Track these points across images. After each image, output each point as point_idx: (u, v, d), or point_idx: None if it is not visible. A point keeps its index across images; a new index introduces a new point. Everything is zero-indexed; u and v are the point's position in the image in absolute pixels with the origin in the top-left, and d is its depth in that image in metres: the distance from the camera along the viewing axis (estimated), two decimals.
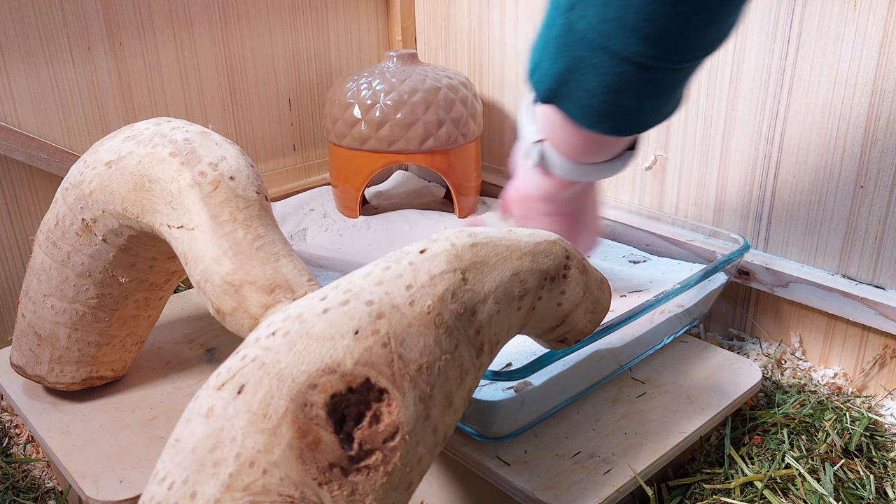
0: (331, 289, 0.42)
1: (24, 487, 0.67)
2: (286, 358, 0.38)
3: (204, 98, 0.95)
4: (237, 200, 0.52)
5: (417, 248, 0.44)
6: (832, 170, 0.73)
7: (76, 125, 0.85)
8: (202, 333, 0.76)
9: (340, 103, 0.92)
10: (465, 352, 0.42)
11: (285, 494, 0.35)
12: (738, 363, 0.70)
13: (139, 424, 0.63)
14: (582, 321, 0.50)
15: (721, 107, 0.79)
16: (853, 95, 0.69)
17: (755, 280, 0.79)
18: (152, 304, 0.65)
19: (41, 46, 0.80)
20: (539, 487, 0.55)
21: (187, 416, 0.38)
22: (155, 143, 0.55)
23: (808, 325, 0.79)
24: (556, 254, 0.47)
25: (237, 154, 0.55)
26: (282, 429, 0.36)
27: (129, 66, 0.87)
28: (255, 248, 0.51)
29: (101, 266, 0.60)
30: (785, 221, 0.78)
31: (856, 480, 0.60)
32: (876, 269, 0.72)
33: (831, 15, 0.69)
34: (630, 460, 0.58)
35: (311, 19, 1.02)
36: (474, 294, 0.43)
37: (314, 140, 1.08)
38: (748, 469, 0.61)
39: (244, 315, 0.49)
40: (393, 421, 0.38)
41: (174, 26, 0.89)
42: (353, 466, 0.37)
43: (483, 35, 1.01)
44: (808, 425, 0.66)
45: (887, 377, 0.74)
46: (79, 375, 0.64)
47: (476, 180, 0.98)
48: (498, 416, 0.57)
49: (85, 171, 0.58)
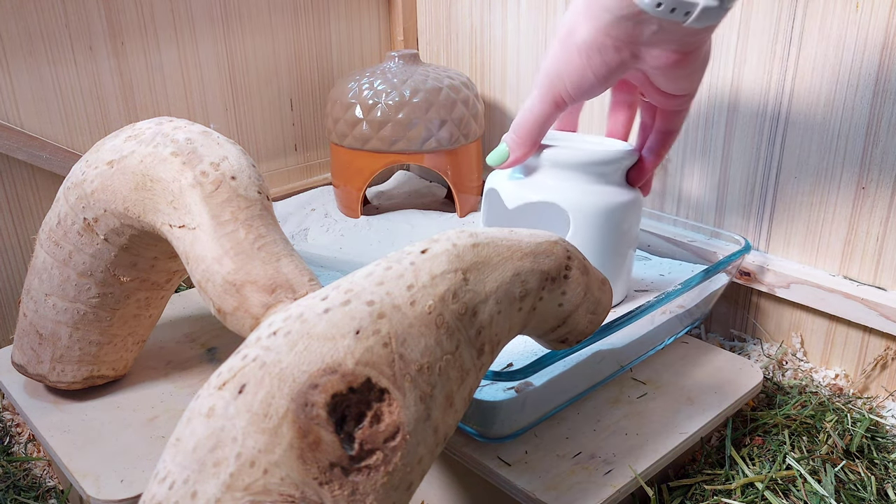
0: (332, 289, 0.42)
1: (25, 486, 0.67)
2: (287, 358, 0.38)
3: (205, 98, 0.95)
4: (239, 200, 0.53)
5: (419, 248, 0.44)
6: (834, 171, 0.72)
7: (78, 124, 0.85)
8: (203, 333, 0.77)
9: (342, 103, 0.92)
10: (466, 352, 0.42)
11: (286, 494, 0.35)
12: (738, 364, 0.70)
13: (140, 424, 0.63)
14: (583, 322, 0.50)
15: (722, 107, 0.79)
16: (855, 96, 0.69)
17: (756, 281, 0.79)
18: (153, 303, 0.65)
19: (43, 46, 0.80)
20: (540, 488, 0.55)
21: (188, 416, 0.39)
22: (157, 143, 0.55)
23: (809, 326, 0.79)
24: (557, 254, 0.47)
25: (239, 154, 0.55)
26: (283, 428, 0.36)
27: (130, 65, 0.87)
28: (257, 248, 0.51)
29: (103, 265, 0.60)
30: (786, 222, 0.77)
31: (857, 482, 0.60)
32: (877, 270, 0.72)
33: (833, 15, 0.69)
34: (631, 461, 0.58)
35: (312, 19, 1.02)
36: (475, 294, 0.43)
37: (315, 140, 1.08)
38: (749, 470, 0.61)
39: (245, 315, 0.50)
40: (394, 421, 0.38)
41: (176, 26, 0.89)
42: (354, 466, 0.37)
43: (485, 35, 1.01)
44: (810, 426, 0.66)
45: (888, 378, 0.74)
46: (80, 374, 0.64)
47: (477, 180, 0.98)
48: (499, 417, 0.57)
49: (87, 171, 0.58)
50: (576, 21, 0.56)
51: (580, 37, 0.56)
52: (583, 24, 0.56)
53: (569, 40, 0.57)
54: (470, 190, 0.97)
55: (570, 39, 0.57)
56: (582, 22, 0.56)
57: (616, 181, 0.67)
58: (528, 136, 0.63)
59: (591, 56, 0.56)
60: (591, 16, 0.55)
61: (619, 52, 0.55)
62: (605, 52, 0.56)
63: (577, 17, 0.56)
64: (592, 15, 0.55)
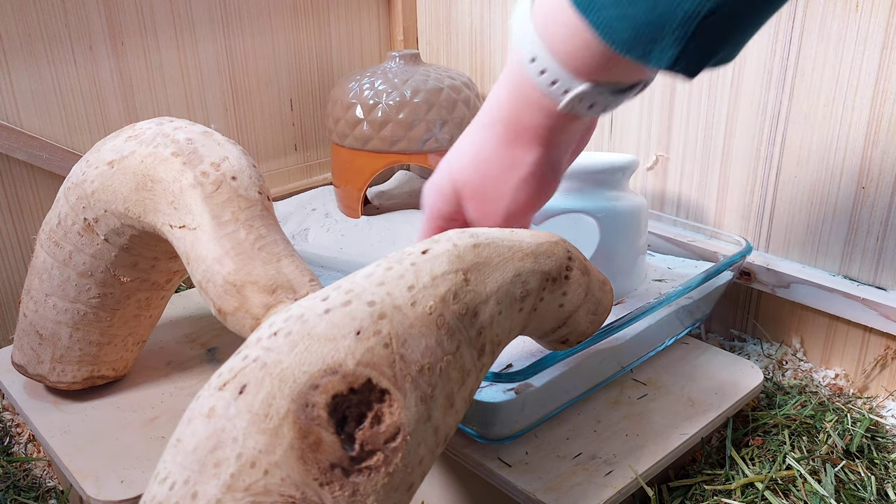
0: (332, 289, 0.42)
1: (26, 487, 0.67)
2: (288, 358, 0.38)
3: (206, 98, 0.95)
4: (239, 200, 0.53)
5: (419, 249, 0.44)
6: (834, 171, 0.72)
7: (78, 124, 0.85)
8: (203, 333, 0.76)
9: (343, 103, 0.92)
10: (467, 353, 0.42)
11: (286, 495, 0.35)
12: (739, 364, 0.70)
13: (140, 424, 0.63)
14: (583, 322, 0.50)
15: (723, 107, 0.79)
16: (855, 96, 0.69)
17: (756, 281, 0.79)
18: (154, 303, 0.65)
19: (43, 46, 0.80)
20: (540, 489, 0.55)
21: (189, 416, 0.38)
22: (157, 143, 0.55)
23: (809, 327, 0.79)
24: (558, 255, 0.47)
25: (239, 154, 0.55)
26: (283, 429, 0.36)
27: (130, 65, 0.87)
28: (257, 249, 0.51)
29: (103, 265, 0.60)
30: (786, 222, 0.77)
31: (857, 482, 0.60)
32: (877, 270, 0.72)
33: (833, 15, 0.69)
34: (631, 462, 0.58)
35: (312, 19, 1.02)
36: (476, 295, 0.43)
37: (316, 140, 1.08)
38: (749, 470, 0.61)
39: (246, 315, 0.49)
40: (394, 422, 0.38)
41: (176, 26, 0.89)
42: (355, 467, 0.37)
43: (485, 35, 1.01)
44: (810, 426, 0.66)
45: (888, 378, 0.74)
46: (80, 375, 0.64)
47: None
48: (499, 418, 0.57)
49: (87, 171, 0.58)
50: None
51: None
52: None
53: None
54: None
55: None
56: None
57: (627, 187, 0.72)
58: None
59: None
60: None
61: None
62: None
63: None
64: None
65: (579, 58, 0.41)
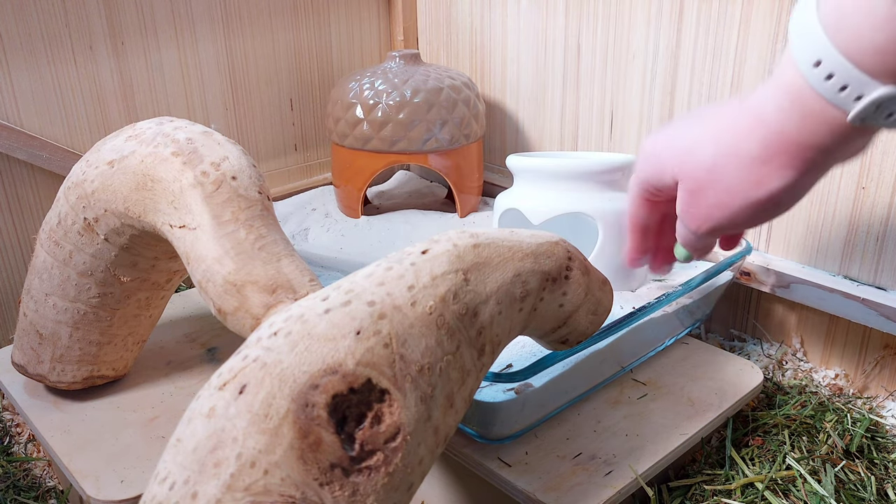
0: (332, 289, 0.42)
1: (25, 486, 0.67)
2: (288, 358, 0.38)
3: (206, 98, 0.95)
4: (239, 200, 0.53)
5: (419, 249, 0.44)
6: (833, 171, 0.72)
7: (78, 124, 0.85)
8: (203, 333, 0.76)
9: (343, 103, 0.92)
10: (467, 353, 0.42)
11: (286, 495, 0.35)
12: (739, 364, 0.70)
13: (140, 424, 0.63)
14: (583, 322, 0.50)
15: None
16: None
17: (756, 281, 0.79)
18: (154, 303, 0.65)
19: (43, 45, 0.80)
20: (540, 489, 0.55)
21: (189, 416, 0.39)
22: (157, 143, 0.55)
23: (809, 327, 0.79)
24: (557, 255, 0.47)
25: (239, 154, 0.55)
26: (283, 429, 0.36)
27: (130, 65, 0.87)
28: (257, 248, 0.51)
29: (103, 265, 0.60)
30: (786, 222, 0.77)
31: (857, 482, 0.60)
32: (877, 270, 0.72)
33: None
34: (631, 462, 0.58)
35: (312, 19, 1.02)
36: (476, 295, 0.43)
37: (316, 140, 1.08)
38: (749, 470, 0.61)
39: (246, 315, 0.49)
40: (394, 422, 0.38)
41: (176, 26, 0.89)
42: (355, 467, 0.37)
43: (485, 35, 1.01)
44: (809, 426, 0.66)
45: (888, 378, 0.74)
46: (80, 374, 0.64)
47: (478, 180, 0.98)
48: (499, 418, 0.57)
49: (87, 171, 0.58)
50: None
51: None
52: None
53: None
54: (471, 190, 0.97)
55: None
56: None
57: (625, 186, 0.71)
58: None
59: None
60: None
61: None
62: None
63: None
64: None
65: (889, 52, 0.35)
